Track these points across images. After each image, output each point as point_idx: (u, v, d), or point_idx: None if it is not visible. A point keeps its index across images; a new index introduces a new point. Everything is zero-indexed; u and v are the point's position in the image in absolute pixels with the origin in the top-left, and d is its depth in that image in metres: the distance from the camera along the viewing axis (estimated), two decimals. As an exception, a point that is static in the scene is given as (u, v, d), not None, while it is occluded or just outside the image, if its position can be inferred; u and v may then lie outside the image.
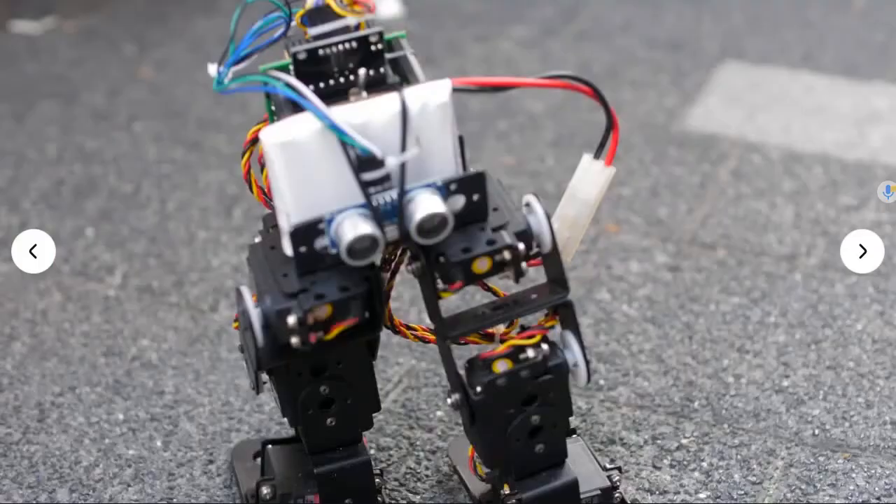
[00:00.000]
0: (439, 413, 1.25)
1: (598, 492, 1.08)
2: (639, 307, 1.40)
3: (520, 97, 1.83)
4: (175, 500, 1.15)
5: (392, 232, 0.92)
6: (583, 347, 1.00)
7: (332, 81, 0.95)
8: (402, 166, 0.88)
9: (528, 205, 0.97)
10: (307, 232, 0.91)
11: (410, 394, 1.28)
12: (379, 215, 0.90)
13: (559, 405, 1.02)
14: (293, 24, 0.96)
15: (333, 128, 0.88)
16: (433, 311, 0.97)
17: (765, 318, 1.38)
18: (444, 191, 0.92)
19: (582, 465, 1.09)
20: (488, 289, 1.06)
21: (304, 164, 0.89)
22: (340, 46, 0.95)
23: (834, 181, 1.63)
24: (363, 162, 0.88)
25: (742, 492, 1.16)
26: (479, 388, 0.98)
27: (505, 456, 1.02)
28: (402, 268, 1.03)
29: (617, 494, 1.10)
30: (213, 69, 0.95)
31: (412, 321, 1.27)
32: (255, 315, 0.93)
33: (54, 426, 1.24)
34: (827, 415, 1.25)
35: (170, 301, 1.42)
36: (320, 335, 0.92)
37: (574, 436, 1.11)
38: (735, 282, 1.44)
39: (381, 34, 0.96)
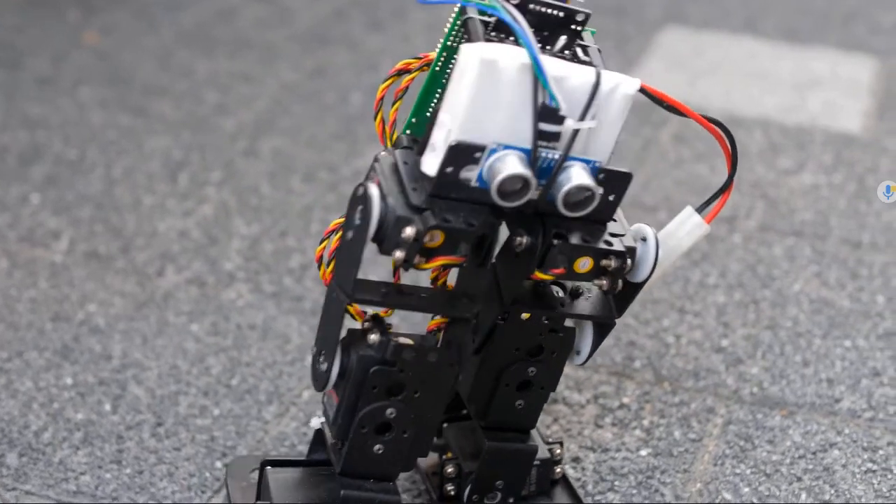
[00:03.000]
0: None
1: (538, 462, 1.10)
2: (582, 269, 1.42)
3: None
4: (124, 463, 1.17)
5: (535, 192, 0.91)
6: (596, 345, 1.04)
7: None
8: (575, 133, 0.89)
9: (644, 239, 0.98)
10: (465, 153, 0.89)
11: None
12: (535, 169, 0.90)
13: (553, 372, 1.05)
14: None
15: (538, 66, 0.88)
16: (514, 288, 0.98)
17: (704, 279, 1.41)
18: (595, 174, 0.92)
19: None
20: None
21: (493, 90, 0.89)
22: (550, 10, 0.95)
23: (774, 145, 1.66)
24: (546, 111, 0.89)
25: (682, 448, 1.19)
26: (502, 318, 1.00)
27: (489, 396, 1.05)
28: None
29: (558, 470, 1.12)
30: None
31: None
32: (376, 213, 0.90)
33: (2, 391, 1.25)
34: (765, 373, 1.27)
35: (116, 266, 1.43)
36: (422, 261, 0.92)
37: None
38: (676, 244, 1.46)
39: (587, 16, 0.96)
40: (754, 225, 1.49)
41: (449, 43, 0.97)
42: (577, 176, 0.90)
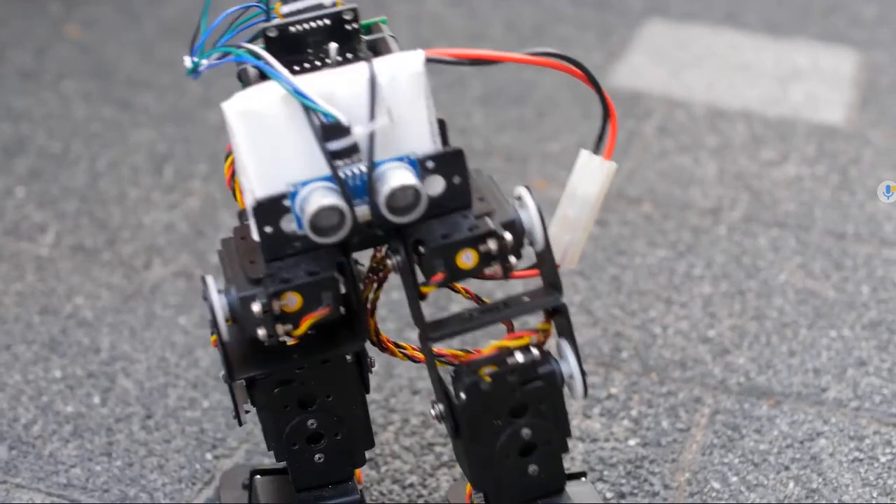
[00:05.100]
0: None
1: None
2: (568, 261, 1.42)
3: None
4: (114, 455, 1.17)
5: (363, 211, 0.84)
6: (579, 358, 0.92)
7: (306, 65, 0.89)
8: (371, 137, 0.82)
9: (519, 198, 0.89)
10: (271, 208, 0.84)
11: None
12: (347, 190, 0.83)
13: (553, 419, 0.93)
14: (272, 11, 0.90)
15: (295, 92, 0.82)
16: (414, 311, 0.89)
17: (690, 270, 1.41)
18: (418, 167, 0.85)
19: None
20: (477, 298, 0.97)
21: (267, 135, 0.83)
22: (313, 24, 0.89)
23: (756, 137, 1.66)
24: (328, 130, 0.82)
25: (670, 438, 1.19)
26: (462, 394, 0.89)
27: (494, 477, 0.93)
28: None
29: None
30: (188, 60, 0.89)
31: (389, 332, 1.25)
32: (218, 305, 0.85)
33: (-10, 384, 1.25)
34: (751, 363, 1.28)
35: (103, 259, 1.43)
36: (289, 328, 0.86)
37: (583, 479, 1.03)
38: (661, 235, 1.47)
39: (355, 11, 0.90)
40: (738, 216, 1.50)
41: None
42: (393, 177, 0.83)
